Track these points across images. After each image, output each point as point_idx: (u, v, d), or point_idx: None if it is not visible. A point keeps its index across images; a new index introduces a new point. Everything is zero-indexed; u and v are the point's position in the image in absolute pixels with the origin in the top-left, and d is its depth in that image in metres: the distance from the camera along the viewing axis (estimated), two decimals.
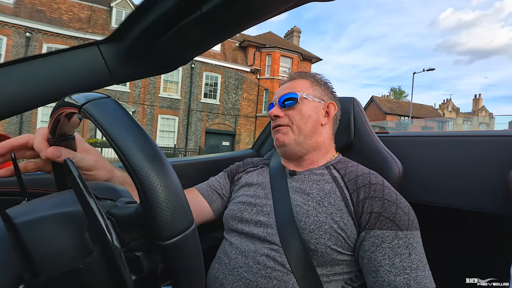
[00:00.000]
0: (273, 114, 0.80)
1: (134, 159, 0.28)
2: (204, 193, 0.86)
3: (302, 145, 0.77)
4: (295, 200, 0.71)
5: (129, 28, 0.58)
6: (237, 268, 0.66)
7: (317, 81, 0.84)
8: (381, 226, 0.61)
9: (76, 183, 0.28)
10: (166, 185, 0.28)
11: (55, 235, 0.30)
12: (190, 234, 0.29)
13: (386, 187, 0.67)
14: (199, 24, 0.55)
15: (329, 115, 0.81)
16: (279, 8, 0.56)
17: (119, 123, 0.30)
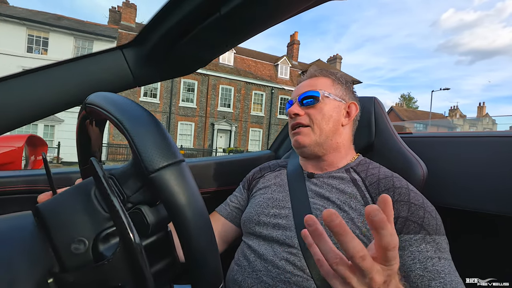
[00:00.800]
0: (293, 112, 0.76)
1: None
2: (224, 214, 0.86)
3: (322, 145, 0.74)
4: (315, 203, 0.69)
5: (150, 32, 0.60)
6: (256, 272, 0.65)
7: (338, 80, 0.80)
8: (408, 231, 0.58)
9: (101, 182, 0.30)
10: (149, 126, 0.31)
11: (71, 207, 0.32)
12: (180, 166, 0.30)
13: (411, 191, 0.64)
14: (218, 26, 0.56)
15: (350, 115, 0.78)
16: (297, 8, 0.55)
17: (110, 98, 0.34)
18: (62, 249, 0.30)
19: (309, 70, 0.84)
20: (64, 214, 0.31)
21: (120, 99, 0.34)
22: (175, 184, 0.29)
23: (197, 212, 0.29)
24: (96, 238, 0.31)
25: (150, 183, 0.29)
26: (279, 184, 0.79)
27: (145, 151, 0.29)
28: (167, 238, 0.36)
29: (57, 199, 0.33)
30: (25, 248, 0.30)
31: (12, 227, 0.32)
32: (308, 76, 0.83)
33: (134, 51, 0.65)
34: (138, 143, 0.29)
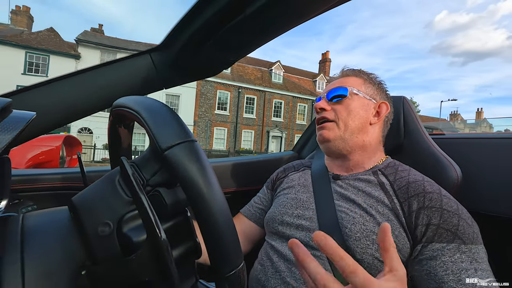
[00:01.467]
0: (319, 106, 0.75)
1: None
2: (248, 215, 0.87)
3: (347, 142, 0.72)
4: (340, 205, 0.67)
5: (177, 36, 0.61)
6: (280, 272, 0.64)
7: (370, 80, 0.78)
8: (440, 239, 0.55)
9: (130, 180, 0.31)
10: (160, 111, 0.33)
11: (98, 194, 0.34)
12: (191, 144, 0.31)
13: (444, 196, 0.60)
14: (243, 27, 0.56)
15: (380, 115, 0.75)
16: (321, 7, 0.54)
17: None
18: (91, 233, 0.32)
19: (342, 70, 0.83)
20: (92, 202, 0.33)
21: (139, 97, 0.37)
22: (187, 159, 0.30)
23: (211, 185, 0.30)
24: (120, 221, 0.32)
25: (165, 162, 0.30)
26: (303, 184, 0.78)
27: (158, 132, 0.31)
28: (187, 222, 0.37)
29: (87, 190, 0.35)
30: (61, 241, 0.32)
31: (50, 221, 0.34)
32: (340, 76, 0.82)
33: (162, 54, 0.67)
34: (152, 127, 0.31)
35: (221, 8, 0.51)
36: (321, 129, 0.75)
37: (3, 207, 0.39)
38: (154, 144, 0.31)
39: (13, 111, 0.31)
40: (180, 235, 0.36)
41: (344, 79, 0.78)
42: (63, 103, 0.63)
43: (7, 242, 0.30)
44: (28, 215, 0.34)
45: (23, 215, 0.34)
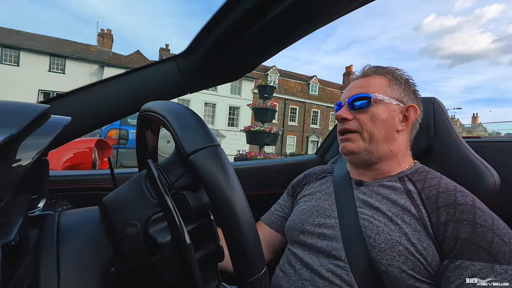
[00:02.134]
0: (341, 116, 0.68)
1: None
2: (269, 223, 0.84)
3: (373, 153, 0.67)
4: (363, 213, 0.63)
5: (201, 42, 0.63)
6: (302, 281, 0.62)
7: (396, 79, 0.70)
8: (471, 256, 0.50)
9: (156, 182, 0.32)
10: (184, 115, 0.34)
11: (126, 196, 0.36)
12: (215, 148, 0.32)
13: (478, 209, 0.54)
14: (265, 31, 0.57)
15: (408, 120, 0.68)
16: (340, 11, 0.54)
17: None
18: (119, 232, 0.33)
19: (363, 69, 0.75)
20: (120, 203, 0.35)
21: (166, 102, 0.38)
22: (211, 164, 0.30)
23: (234, 189, 0.30)
24: (146, 222, 0.33)
25: (190, 166, 0.31)
26: (325, 191, 0.74)
27: (183, 137, 0.32)
28: (210, 225, 0.38)
29: (116, 192, 0.37)
30: (92, 239, 0.34)
31: (82, 220, 0.36)
32: (361, 75, 0.74)
33: (186, 60, 0.69)
34: (178, 131, 0.32)
35: (242, 14, 0.52)
36: (344, 141, 0.70)
37: (42, 206, 0.42)
38: (179, 148, 0.32)
39: (51, 117, 0.34)
40: (203, 237, 0.37)
41: (366, 81, 0.71)
42: (95, 108, 0.66)
43: (45, 238, 0.32)
44: (63, 213, 0.37)
45: (59, 214, 0.36)
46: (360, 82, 0.72)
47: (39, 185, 0.44)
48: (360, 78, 0.73)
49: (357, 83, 0.72)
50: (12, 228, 0.29)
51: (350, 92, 0.71)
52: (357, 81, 0.73)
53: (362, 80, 0.72)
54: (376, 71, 0.72)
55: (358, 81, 0.73)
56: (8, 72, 16.92)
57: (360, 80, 0.72)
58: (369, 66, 0.75)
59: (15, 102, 0.31)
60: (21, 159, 0.27)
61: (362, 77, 0.73)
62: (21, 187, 0.36)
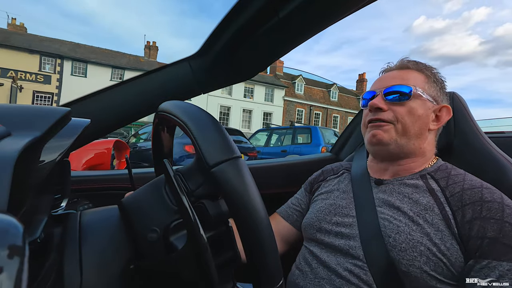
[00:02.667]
0: (376, 105, 0.64)
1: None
2: (285, 215, 0.83)
3: (403, 148, 0.64)
4: (383, 213, 0.61)
5: (214, 42, 0.64)
6: (319, 279, 0.62)
7: (435, 78, 0.67)
8: (498, 256, 0.48)
9: (172, 182, 0.33)
10: (209, 126, 0.34)
11: (145, 196, 0.36)
12: (237, 161, 0.32)
13: (507, 206, 0.52)
14: (277, 29, 0.56)
15: (440, 120, 0.66)
16: (352, 8, 0.53)
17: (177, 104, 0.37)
18: (140, 237, 0.34)
19: (401, 60, 0.71)
20: (141, 207, 0.36)
21: (185, 105, 0.38)
22: (233, 178, 0.31)
23: (255, 203, 0.31)
24: (167, 229, 0.34)
25: (211, 178, 0.31)
26: (343, 190, 0.73)
27: (206, 148, 0.31)
28: (228, 233, 0.38)
29: (136, 194, 0.38)
30: (112, 237, 0.35)
31: (103, 218, 0.38)
32: (399, 66, 0.70)
33: (199, 61, 0.70)
34: (200, 142, 0.32)
35: (255, 13, 0.52)
36: (375, 128, 0.65)
37: (64, 205, 0.44)
38: (201, 158, 0.32)
39: (72, 119, 0.35)
40: (221, 244, 0.38)
41: (405, 73, 0.67)
42: (113, 111, 0.68)
43: (68, 236, 0.34)
44: (84, 212, 0.38)
45: (81, 212, 0.38)
46: (398, 73, 0.68)
47: (62, 185, 0.45)
48: (397, 69, 0.70)
49: (394, 74, 0.68)
50: (37, 226, 0.30)
51: (386, 82, 0.67)
52: (394, 72, 0.69)
53: (400, 72, 0.68)
54: (416, 65, 0.69)
55: (395, 72, 0.69)
56: (78, 82, 19.28)
57: (397, 72, 0.69)
58: (407, 58, 0.71)
59: (38, 106, 0.33)
60: (45, 160, 0.28)
61: (400, 69, 0.69)
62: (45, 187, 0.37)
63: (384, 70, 0.73)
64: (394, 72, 0.69)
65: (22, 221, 0.15)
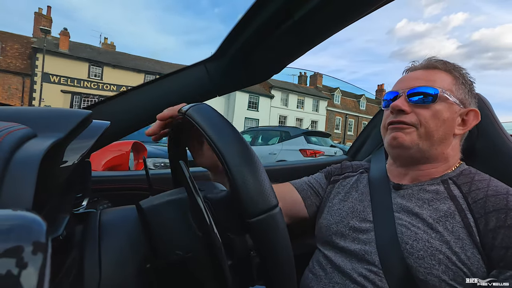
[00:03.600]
0: (398, 107, 0.61)
1: (223, 149, 0.33)
2: (298, 187, 0.77)
3: (424, 152, 0.61)
4: (400, 218, 0.59)
5: (229, 45, 0.64)
6: (333, 284, 0.60)
7: (464, 79, 0.63)
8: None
9: (187, 182, 0.33)
10: (251, 170, 0.31)
11: (168, 215, 0.37)
12: (275, 214, 0.31)
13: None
14: (292, 31, 0.56)
15: (467, 124, 0.62)
16: (368, 8, 0.52)
17: (215, 124, 0.35)
18: (158, 239, 0.35)
19: (428, 59, 0.66)
20: (164, 225, 0.36)
21: (224, 126, 0.35)
22: (270, 235, 0.31)
23: (286, 260, 0.31)
24: (188, 253, 0.35)
25: (249, 227, 0.31)
26: (361, 191, 0.70)
27: (247, 198, 0.30)
28: (249, 265, 0.39)
29: (158, 203, 0.38)
30: (130, 236, 0.36)
31: (121, 218, 0.39)
32: (424, 66, 0.65)
33: (215, 63, 0.71)
34: (241, 188, 0.31)
35: (270, 15, 0.52)
36: (396, 131, 0.62)
37: (85, 204, 0.45)
38: (237, 201, 0.31)
39: (92, 121, 0.36)
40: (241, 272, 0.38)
41: (431, 74, 0.63)
42: (131, 113, 0.70)
43: (88, 234, 0.35)
44: (104, 211, 0.39)
45: (100, 212, 0.39)
46: (423, 73, 0.64)
47: (83, 184, 0.47)
48: (423, 69, 0.65)
49: (419, 74, 0.64)
50: (60, 224, 0.31)
51: (410, 82, 0.63)
52: (419, 72, 0.65)
53: (426, 72, 0.64)
54: (444, 65, 0.64)
55: (420, 72, 0.65)
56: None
57: (423, 72, 0.64)
58: (434, 57, 0.66)
59: (61, 108, 0.34)
60: (68, 161, 0.29)
61: (426, 69, 0.65)
62: (68, 187, 0.39)
63: (408, 69, 0.69)
64: (419, 72, 0.65)
65: (46, 218, 0.16)
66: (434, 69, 0.63)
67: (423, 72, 0.64)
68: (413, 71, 0.66)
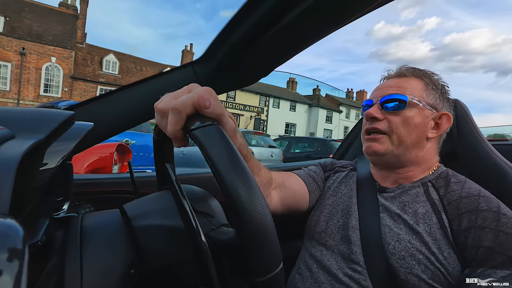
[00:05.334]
0: (371, 115, 0.65)
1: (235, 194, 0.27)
2: (305, 180, 0.76)
3: (399, 157, 0.64)
4: (384, 219, 0.61)
5: (217, 47, 0.64)
6: (319, 283, 0.62)
7: (433, 84, 0.66)
8: (494, 264, 0.48)
9: (173, 186, 0.33)
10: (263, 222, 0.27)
11: (154, 220, 0.36)
12: (279, 274, 0.28)
13: (503, 216, 0.51)
14: (280, 36, 0.57)
15: (440, 128, 0.65)
16: (355, 14, 0.53)
17: (222, 153, 0.29)
18: (143, 247, 0.34)
19: (399, 68, 0.71)
20: (150, 229, 0.35)
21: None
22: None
23: None
24: (177, 263, 0.34)
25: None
26: (350, 187, 0.73)
27: (254, 258, 0.27)
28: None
29: (145, 208, 0.37)
30: (113, 241, 0.35)
31: (104, 222, 0.37)
32: (397, 74, 0.70)
33: (203, 65, 0.70)
34: (248, 246, 0.27)
35: (258, 19, 0.52)
36: (371, 141, 0.66)
37: (66, 208, 0.44)
38: (250, 268, 0.28)
39: (75, 123, 0.35)
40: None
41: (402, 81, 0.67)
42: (116, 114, 0.69)
43: (69, 239, 0.34)
44: (86, 215, 0.38)
45: (82, 216, 0.38)
46: (395, 81, 0.68)
47: (64, 188, 0.45)
48: (395, 77, 0.69)
49: (392, 83, 0.68)
50: (39, 229, 0.30)
51: (383, 91, 0.67)
52: (391, 81, 0.69)
53: (398, 80, 0.68)
54: (414, 72, 0.68)
55: (392, 80, 0.69)
56: (275, 112, 29.65)
57: (395, 80, 0.68)
58: (405, 66, 0.70)
59: (42, 109, 0.33)
60: (48, 163, 0.28)
61: (398, 77, 0.69)
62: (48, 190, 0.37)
63: (384, 77, 0.73)
64: (393, 80, 0.69)
65: (23, 223, 0.15)
66: (405, 77, 0.68)
67: (396, 80, 0.68)
68: (388, 80, 0.70)
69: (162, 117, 0.36)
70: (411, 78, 0.67)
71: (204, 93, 0.33)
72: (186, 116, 0.32)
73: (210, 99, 0.33)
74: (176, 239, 0.35)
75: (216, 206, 0.44)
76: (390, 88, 0.66)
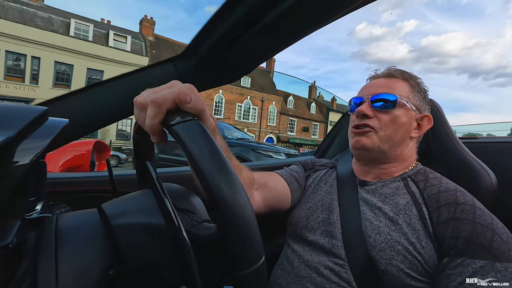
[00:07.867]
0: (363, 112, 0.67)
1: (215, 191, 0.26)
2: (287, 179, 0.77)
3: (384, 153, 0.67)
4: (365, 213, 0.64)
5: (199, 44, 0.63)
6: (300, 278, 0.63)
7: (419, 87, 0.71)
8: (472, 254, 0.50)
9: (154, 183, 0.32)
10: (244, 217, 0.27)
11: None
12: (261, 267, 0.28)
13: (478, 209, 0.55)
14: (263, 33, 0.57)
15: (421, 128, 0.69)
16: (337, 13, 0.54)
17: (204, 149, 0.28)
18: (123, 246, 0.33)
19: (388, 69, 0.74)
20: (130, 229, 0.34)
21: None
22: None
23: None
24: (158, 263, 0.33)
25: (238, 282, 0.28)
26: (330, 184, 0.75)
27: (236, 251, 0.27)
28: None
29: (125, 206, 0.36)
30: (91, 241, 0.34)
31: (81, 222, 0.36)
32: (385, 75, 0.73)
33: (185, 61, 0.69)
34: (231, 240, 0.27)
35: (241, 16, 0.52)
36: (359, 135, 0.68)
37: (40, 208, 0.42)
38: (232, 262, 0.27)
39: (49, 119, 0.34)
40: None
41: (391, 82, 0.70)
42: (93, 110, 0.66)
43: (43, 241, 0.32)
44: (61, 216, 0.37)
45: (57, 216, 0.36)
46: (384, 81, 0.70)
47: (37, 187, 0.43)
48: (384, 77, 0.72)
49: (381, 82, 0.71)
50: (10, 231, 0.28)
51: (373, 89, 0.70)
52: (380, 80, 0.71)
53: (387, 80, 0.71)
54: (402, 74, 0.71)
55: (381, 80, 0.71)
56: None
57: (384, 80, 0.71)
58: (394, 67, 0.74)
59: (13, 104, 0.31)
60: (19, 161, 0.27)
61: (386, 77, 0.72)
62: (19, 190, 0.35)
63: (371, 76, 0.76)
64: (381, 80, 0.72)
65: None
66: (394, 78, 0.71)
67: (385, 80, 0.71)
68: (376, 79, 0.73)
69: (141, 111, 0.35)
70: (399, 79, 0.70)
71: (185, 89, 0.33)
72: (165, 110, 0.32)
73: (191, 95, 0.32)
74: (156, 237, 0.35)
75: (197, 203, 0.43)
76: (380, 87, 0.69)
